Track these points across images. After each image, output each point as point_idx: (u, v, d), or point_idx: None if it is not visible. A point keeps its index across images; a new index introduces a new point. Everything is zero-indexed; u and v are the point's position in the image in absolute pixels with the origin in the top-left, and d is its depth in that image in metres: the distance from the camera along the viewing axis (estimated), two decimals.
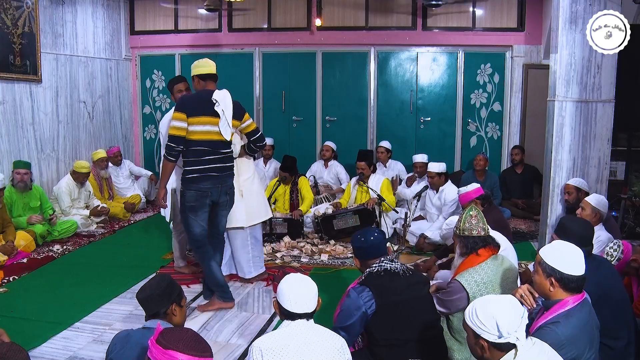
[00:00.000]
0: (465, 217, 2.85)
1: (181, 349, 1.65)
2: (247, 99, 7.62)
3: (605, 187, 4.56)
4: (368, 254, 2.66)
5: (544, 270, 2.16)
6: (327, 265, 4.84)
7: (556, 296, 2.15)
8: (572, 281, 2.12)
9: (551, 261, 2.14)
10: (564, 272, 2.12)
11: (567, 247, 2.19)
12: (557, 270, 2.12)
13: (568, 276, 2.12)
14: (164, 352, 1.66)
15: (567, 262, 2.13)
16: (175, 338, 1.69)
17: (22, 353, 1.77)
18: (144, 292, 2.27)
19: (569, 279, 2.12)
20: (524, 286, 2.40)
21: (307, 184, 5.94)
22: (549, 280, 2.15)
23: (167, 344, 1.67)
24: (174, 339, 1.68)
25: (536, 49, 6.99)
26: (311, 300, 2.17)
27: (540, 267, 2.17)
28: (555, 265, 2.13)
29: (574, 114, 4.43)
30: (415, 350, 2.48)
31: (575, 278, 2.12)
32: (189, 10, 7.65)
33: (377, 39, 7.28)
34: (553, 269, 2.13)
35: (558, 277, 2.12)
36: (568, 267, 2.12)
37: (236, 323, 3.65)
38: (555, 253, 2.16)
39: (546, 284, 2.16)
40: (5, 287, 4.21)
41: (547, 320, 2.13)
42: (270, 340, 2.10)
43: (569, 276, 2.12)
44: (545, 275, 2.16)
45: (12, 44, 5.55)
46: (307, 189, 5.87)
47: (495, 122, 7.27)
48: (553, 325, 2.08)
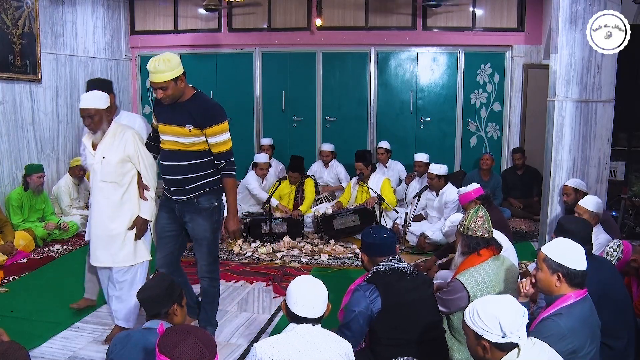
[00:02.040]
0: (471, 217, 2.84)
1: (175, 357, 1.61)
2: (247, 99, 7.64)
3: (605, 187, 4.57)
4: (378, 252, 2.65)
5: (550, 266, 2.19)
6: (327, 265, 4.83)
7: (560, 291, 2.18)
8: (578, 276, 2.17)
9: (557, 257, 2.18)
10: (570, 267, 2.16)
11: (569, 244, 2.24)
12: (563, 266, 2.16)
13: (574, 271, 2.16)
14: (159, 355, 1.64)
15: (571, 257, 2.17)
16: (171, 343, 1.65)
17: (21, 351, 1.77)
18: (145, 292, 2.26)
19: (575, 274, 2.16)
20: (526, 279, 2.41)
21: (312, 185, 5.97)
22: (556, 275, 2.18)
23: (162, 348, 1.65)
24: (170, 343, 1.65)
25: (536, 49, 6.99)
26: (319, 306, 2.13)
27: (546, 264, 2.20)
28: (562, 261, 2.17)
29: (574, 114, 4.43)
30: (417, 350, 2.47)
31: (581, 273, 2.17)
32: (189, 10, 7.65)
33: (377, 39, 7.28)
34: (559, 264, 2.17)
35: (565, 272, 2.16)
36: (573, 262, 2.16)
37: (236, 323, 3.65)
38: (560, 249, 2.21)
39: (552, 280, 2.19)
40: (5, 287, 4.21)
41: (550, 313, 2.16)
42: (271, 345, 2.06)
43: (575, 271, 2.16)
44: (551, 271, 2.19)
45: (12, 44, 5.55)
46: (310, 190, 5.90)
47: (495, 122, 7.27)
48: (556, 317, 2.12)
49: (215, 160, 3.06)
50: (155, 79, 2.88)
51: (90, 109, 3.08)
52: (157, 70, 2.86)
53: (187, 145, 3.01)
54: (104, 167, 3.15)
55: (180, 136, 3.01)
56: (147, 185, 3.24)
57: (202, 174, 3.07)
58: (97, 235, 3.29)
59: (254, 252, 5.10)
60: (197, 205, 3.10)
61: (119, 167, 3.15)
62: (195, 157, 3.03)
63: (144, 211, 3.26)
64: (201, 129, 2.97)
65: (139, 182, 3.24)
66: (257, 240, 5.39)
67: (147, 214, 3.27)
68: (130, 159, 3.17)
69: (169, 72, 2.86)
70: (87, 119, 3.09)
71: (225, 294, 4.13)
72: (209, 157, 3.06)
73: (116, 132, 3.17)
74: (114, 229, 3.22)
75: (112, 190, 3.18)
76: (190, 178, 3.05)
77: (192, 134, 2.98)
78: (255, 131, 7.69)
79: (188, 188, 3.07)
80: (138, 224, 3.25)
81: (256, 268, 4.69)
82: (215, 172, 3.10)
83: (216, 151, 3.03)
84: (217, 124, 2.97)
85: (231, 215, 3.13)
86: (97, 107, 3.08)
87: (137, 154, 3.17)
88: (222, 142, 3.02)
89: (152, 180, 3.26)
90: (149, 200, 3.26)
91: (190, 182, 3.06)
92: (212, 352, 1.68)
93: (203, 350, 1.65)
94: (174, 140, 3.04)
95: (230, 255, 5.04)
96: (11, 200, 5.26)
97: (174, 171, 3.07)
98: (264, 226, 5.42)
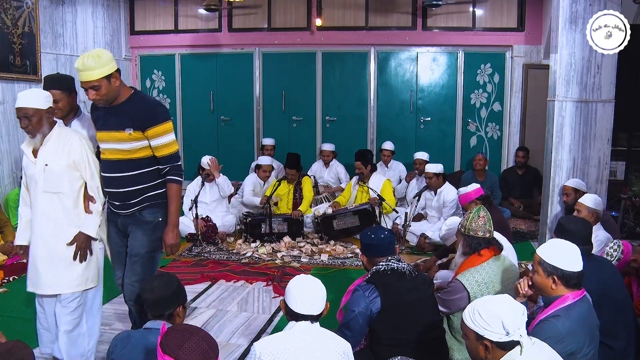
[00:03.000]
0: (472, 217, 2.84)
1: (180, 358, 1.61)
2: (247, 99, 7.63)
3: (605, 187, 4.57)
4: (376, 252, 2.66)
5: (545, 269, 2.18)
6: (327, 265, 4.83)
7: (557, 293, 2.18)
8: (573, 277, 2.16)
9: (551, 260, 2.17)
10: (565, 269, 2.15)
11: (564, 245, 2.23)
12: (558, 269, 2.16)
13: (569, 273, 2.15)
14: (162, 356, 1.64)
15: (566, 259, 2.17)
16: (176, 343, 1.65)
17: (26, 350, 1.78)
18: (153, 292, 2.20)
19: (570, 275, 2.15)
20: (523, 279, 2.42)
21: (310, 184, 5.94)
22: (551, 278, 2.17)
23: (166, 348, 1.64)
24: (175, 343, 1.65)
25: (536, 49, 6.99)
26: (318, 303, 2.15)
27: (541, 267, 2.20)
28: (556, 264, 2.16)
29: (574, 114, 4.44)
30: (417, 350, 2.47)
31: (576, 274, 2.16)
32: (189, 10, 7.65)
33: (377, 39, 7.28)
34: (554, 267, 2.16)
35: (560, 274, 2.16)
36: (568, 264, 2.16)
37: (236, 323, 3.65)
38: (554, 252, 2.20)
39: (548, 283, 2.18)
40: (5, 287, 4.21)
41: (548, 315, 2.16)
42: (270, 344, 2.08)
43: (570, 273, 2.15)
44: (546, 274, 2.18)
45: (12, 44, 5.55)
46: (308, 189, 5.87)
47: (495, 122, 7.27)
48: (554, 319, 2.12)
49: (160, 164, 2.73)
50: (85, 77, 2.54)
51: (27, 108, 2.62)
52: (86, 68, 2.52)
53: (129, 153, 2.68)
54: (47, 175, 2.68)
55: (120, 142, 2.67)
56: (93, 196, 2.78)
57: (148, 186, 2.74)
58: (39, 256, 2.74)
59: (254, 252, 5.10)
60: (140, 217, 2.76)
61: (64, 175, 2.70)
62: (139, 167, 2.71)
63: (87, 226, 2.76)
64: (142, 131, 2.64)
65: (85, 193, 2.78)
66: (257, 240, 5.40)
67: (90, 230, 2.77)
68: (76, 166, 2.72)
69: (100, 69, 2.53)
70: (24, 120, 2.64)
71: (225, 294, 4.14)
72: (155, 165, 2.74)
73: (60, 135, 2.72)
74: (60, 248, 2.72)
75: (57, 202, 2.71)
76: (135, 191, 2.72)
77: (133, 138, 2.65)
78: (255, 131, 7.69)
79: (132, 202, 2.73)
80: (78, 241, 2.74)
81: (256, 268, 4.69)
82: (163, 184, 2.77)
83: (160, 155, 2.70)
84: (160, 123, 2.65)
85: (171, 226, 2.75)
86: (35, 107, 2.63)
87: (84, 161, 2.73)
88: (166, 144, 2.69)
89: (99, 192, 2.80)
90: (94, 214, 2.78)
91: (134, 196, 2.73)
92: (215, 352, 1.69)
93: (207, 350, 1.66)
94: (113, 148, 2.70)
95: (230, 255, 5.04)
96: (10, 201, 5.26)
97: (117, 184, 2.72)
98: (264, 226, 5.42)
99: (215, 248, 5.27)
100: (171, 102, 7.80)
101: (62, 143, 2.71)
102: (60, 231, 2.73)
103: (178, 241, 2.80)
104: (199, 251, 5.16)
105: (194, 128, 7.81)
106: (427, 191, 5.51)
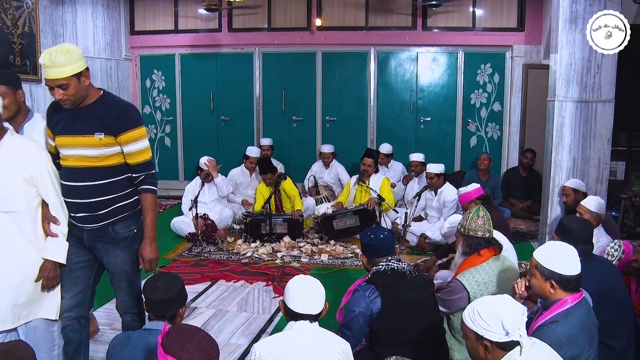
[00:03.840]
0: (472, 217, 2.84)
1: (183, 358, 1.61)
2: (247, 99, 7.64)
3: (605, 187, 4.57)
4: (376, 252, 2.66)
5: (542, 273, 2.16)
6: (327, 265, 4.83)
7: (556, 297, 2.16)
8: (571, 281, 2.13)
9: (548, 264, 2.15)
10: (562, 273, 2.12)
11: (561, 248, 2.20)
12: (555, 273, 2.13)
13: (567, 277, 2.13)
14: (164, 356, 1.64)
15: (563, 263, 2.14)
16: (178, 343, 1.65)
17: (27, 350, 1.78)
18: (158, 293, 2.17)
19: (568, 279, 2.13)
20: (520, 280, 2.41)
21: (291, 182, 5.83)
22: (549, 282, 2.15)
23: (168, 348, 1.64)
24: (177, 344, 1.65)
25: (536, 49, 6.99)
26: (317, 303, 2.15)
27: (538, 271, 2.17)
28: (553, 268, 2.13)
29: (574, 114, 4.43)
30: (417, 350, 2.47)
31: (574, 278, 2.14)
32: (189, 10, 7.65)
33: (377, 39, 7.28)
34: (551, 271, 2.14)
35: (557, 279, 2.13)
36: (565, 267, 2.13)
37: (236, 323, 3.65)
38: (551, 255, 2.17)
39: (546, 287, 2.16)
40: None
41: (547, 320, 2.14)
42: (270, 344, 2.08)
43: (567, 277, 2.13)
44: (544, 278, 2.16)
45: (12, 44, 5.55)
46: (290, 187, 5.78)
47: (495, 122, 7.27)
48: (553, 325, 2.09)
49: (133, 173, 2.48)
50: (52, 74, 2.26)
51: None
52: (54, 64, 2.24)
53: (97, 160, 2.40)
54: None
55: (88, 148, 2.38)
56: (56, 217, 2.41)
57: (119, 196, 2.46)
58: None
59: (254, 252, 5.10)
60: (113, 234, 2.48)
61: (18, 191, 2.32)
62: (108, 175, 2.43)
63: (52, 252, 2.40)
64: (115, 136, 2.38)
65: (45, 213, 2.42)
66: (257, 240, 5.39)
67: (57, 255, 2.41)
68: (33, 182, 2.35)
69: (70, 65, 2.26)
70: None
71: (225, 294, 4.14)
72: (126, 173, 2.48)
73: (13, 145, 2.33)
74: (15, 276, 2.34)
75: (10, 223, 2.32)
76: (103, 201, 2.43)
77: (104, 144, 2.38)
78: (255, 131, 7.69)
79: (100, 214, 2.44)
80: (45, 271, 2.39)
81: (256, 268, 4.69)
82: (135, 192, 2.52)
83: (134, 162, 2.45)
84: (134, 128, 2.41)
85: (148, 240, 2.52)
86: None
87: (44, 176, 2.37)
88: (140, 150, 2.46)
89: (64, 209, 2.45)
90: (60, 237, 2.43)
91: (103, 207, 2.43)
92: (217, 352, 1.70)
93: (209, 350, 1.68)
94: (79, 155, 2.40)
95: (230, 255, 5.04)
96: None
97: (81, 193, 2.41)
98: (264, 226, 5.42)
99: (215, 248, 5.28)
100: (171, 102, 7.81)
101: (15, 154, 2.32)
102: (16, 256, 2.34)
103: (157, 255, 2.55)
104: (199, 251, 5.16)
105: (194, 128, 7.82)
106: (427, 191, 5.51)
